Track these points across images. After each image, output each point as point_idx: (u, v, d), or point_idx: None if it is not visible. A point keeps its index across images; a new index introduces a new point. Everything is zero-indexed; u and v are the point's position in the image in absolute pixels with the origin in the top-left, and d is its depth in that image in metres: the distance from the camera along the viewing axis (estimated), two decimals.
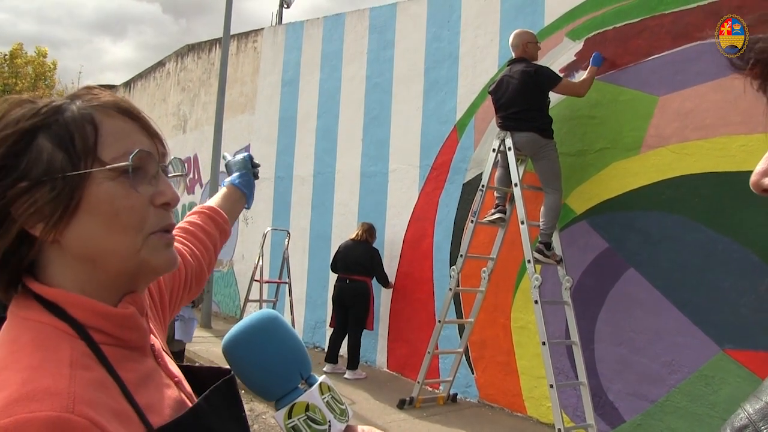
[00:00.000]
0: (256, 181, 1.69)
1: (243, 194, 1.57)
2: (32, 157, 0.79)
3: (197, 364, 1.02)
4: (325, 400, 0.95)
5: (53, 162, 0.79)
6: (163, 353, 0.96)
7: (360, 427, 0.97)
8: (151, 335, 0.93)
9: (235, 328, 0.96)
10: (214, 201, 1.49)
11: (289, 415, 0.92)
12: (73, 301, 0.80)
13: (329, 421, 0.93)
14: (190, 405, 0.89)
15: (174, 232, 1.21)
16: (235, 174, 1.59)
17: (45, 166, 0.79)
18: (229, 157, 1.70)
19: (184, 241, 1.30)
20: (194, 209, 1.43)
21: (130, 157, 0.82)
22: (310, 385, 0.95)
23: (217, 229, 1.41)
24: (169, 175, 0.91)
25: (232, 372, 0.97)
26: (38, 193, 0.78)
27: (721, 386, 4.42)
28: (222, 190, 1.55)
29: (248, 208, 1.60)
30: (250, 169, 1.63)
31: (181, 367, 1.00)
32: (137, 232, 0.83)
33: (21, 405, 0.67)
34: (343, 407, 0.97)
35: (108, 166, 0.81)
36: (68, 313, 0.79)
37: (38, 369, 0.72)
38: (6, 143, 0.79)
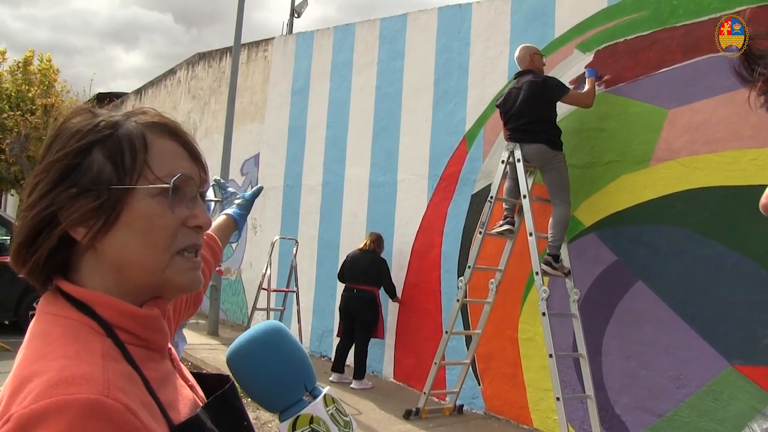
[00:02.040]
0: (263, 191, 1.77)
1: (236, 226, 1.67)
2: (85, 167, 0.85)
3: (204, 371, 1.03)
4: (330, 412, 0.95)
5: (102, 174, 0.85)
6: (177, 358, 1.00)
7: None
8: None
9: (239, 340, 0.97)
10: (211, 229, 1.55)
11: (293, 427, 0.92)
12: (101, 301, 0.84)
13: None
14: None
15: None
16: (236, 208, 1.70)
17: (94, 177, 0.85)
18: (219, 181, 1.88)
19: None
20: None
21: (173, 179, 0.88)
22: (315, 397, 0.95)
23: (213, 257, 1.48)
24: (207, 199, 0.98)
25: (232, 381, 0.99)
26: (85, 200, 0.84)
27: (730, 402, 4.38)
28: (221, 218, 1.65)
29: (234, 241, 1.69)
30: (249, 209, 1.73)
31: (191, 373, 1.03)
32: (165, 250, 0.88)
33: (60, 388, 0.71)
34: (347, 419, 0.97)
35: (151, 186, 0.87)
36: (96, 312, 0.83)
37: (74, 358, 0.76)
38: (68, 156, 0.85)
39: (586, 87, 5.36)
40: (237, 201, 1.72)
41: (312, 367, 1.00)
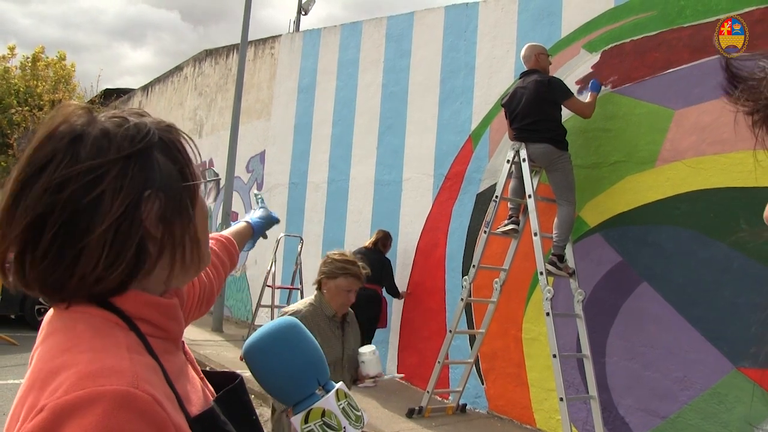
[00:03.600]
0: (269, 189, 1.83)
1: (252, 235, 1.70)
2: (155, 169, 0.87)
3: (208, 369, 1.05)
4: (341, 406, 0.96)
5: (171, 174, 0.89)
6: (189, 350, 1.02)
7: None
8: None
9: (255, 335, 1.00)
10: (229, 232, 1.61)
11: (306, 420, 0.94)
12: (122, 295, 0.85)
13: (344, 427, 0.95)
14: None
15: None
16: (258, 216, 1.75)
17: (167, 177, 0.88)
18: (260, 195, 1.97)
19: None
20: (213, 235, 1.52)
21: (206, 173, 0.95)
22: (327, 392, 0.97)
23: (229, 258, 1.50)
24: (210, 179, 1.07)
25: (241, 377, 1.01)
26: (168, 200, 0.87)
27: (735, 405, 4.37)
28: (240, 225, 1.68)
29: (247, 250, 1.71)
30: (269, 223, 1.78)
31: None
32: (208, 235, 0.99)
33: (91, 380, 0.72)
34: (359, 414, 0.99)
35: (209, 179, 1.01)
36: (117, 306, 0.84)
37: (101, 351, 0.77)
38: (132, 159, 0.85)
39: (588, 99, 5.34)
40: (260, 212, 1.77)
41: (325, 362, 1.01)
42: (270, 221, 1.76)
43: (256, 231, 1.70)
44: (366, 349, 3.09)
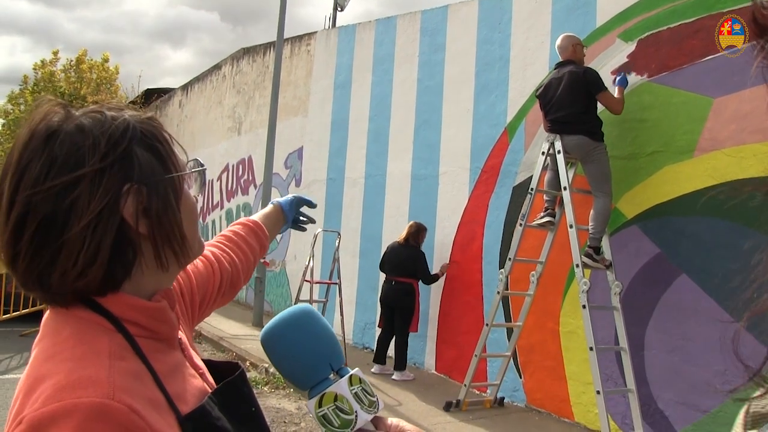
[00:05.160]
0: (306, 192, 1.77)
1: (285, 217, 1.63)
2: (135, 164, 0.87)
3: (247, 363, 1.08)
4: (354, 391, 0.98)
5: (151, 166, 0.89)
6: (189, 346, 1.03)
7: (389, 420, 1.00)
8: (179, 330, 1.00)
9: (270, 322, 1.02)
10: (257, 216, 1.56)
11: (320, 405, 0.97)
12: (110, 297, 0.86)
13: (356, 412, 0.97)
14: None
15: (218, 239, 1.39)
16: (287, 198, 1.66)
17: (148, 170, 0.88)
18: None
19: (224, 248, 1.37)
20: (239, 220, 1.50)
21: (190, 163, 0.98)
22: (341, 377, 0.99)
23: (258, 243, 1.47)
24: (194, 169, 1.03)
25: (242, 368, 1.04)
26: (141, 194, 0.87)
27: None
28: (268, 208, 1.62)
29: (281, 232, 1.66)
30: (299, 202, 1.68)
31: (203, 361, 1.07)
32: (197, 227, 0.99)
33: (68, 391, 0.74)
34: (374, 399, 1.00)
35: (193, 170, 0.98)
36: (105, 308, 0.86)
37: (81, 360, 0.79)
38: (109, 155, 0.85)
39: (617, 95, 5.27)
40: (289, 197, 1.68)
41: (340, 348, 1.04)
42: (300, 201, 1.67)
43: (287, 211, 1.62)
44: None
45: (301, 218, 1.70)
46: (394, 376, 6.98)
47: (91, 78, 22.23)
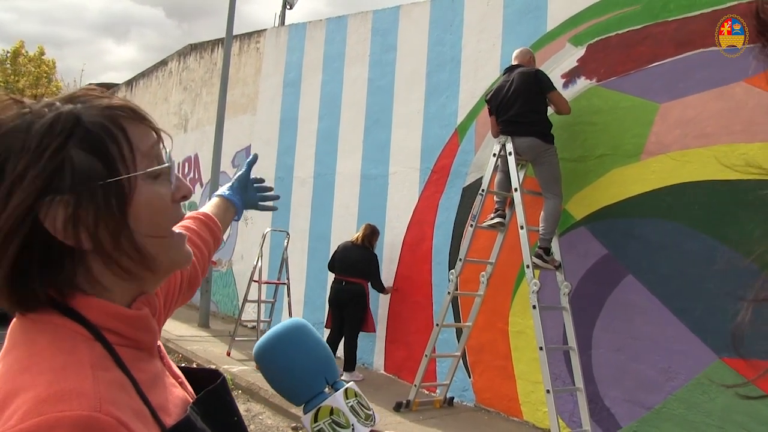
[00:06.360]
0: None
1: (233, 204, 1.54)
2: (63, 169, 0.75)
3: (194, 365, 1.03)
4: (350, 404, 0.97)
5: (89, 171, 0.77)
6: (166, 354, 0.97)
7: None
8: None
9: (264, 337, 1.01)
10: (206, 208, 1.47)
11: (315, 419, 0.95)
12: (87, 304, 0.79)
13: (352, 425, 0.95)
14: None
15: None
16: (226, 186, 1.58)
17: (82, 176, 0.76)
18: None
19: None
20: (189, 214, 1.41)
21: (165, 159, 0.84)
22: (336, 390, 0.97)
23: (212, 236, 1.40)
24: (154, 168, 0.90)
25: (223, 377, 0.99)
26: (80, 203, 0.76)
27: (718, 395, 4.41)
28: (213, 200, 1.53)
29: (237, 219, 1.58)
30: (245, 183, 1.60)
31: (180, 368, 1.01)
32: (171, 232, 0.86)
33: (49, 405, 0.67)
34: (370, 412, 1.00)
35: (148, 170, 0.82)
36: (83, 315, 0.78)
37: (61, 371, 0.72)
38: (38, 161, 0.75)
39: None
40: (230, 183, 1.60)
41: (334, 362, 1.04)
42: (242, 180, 1.58)
43: (231, 198, 1.53)
44: None
45: (262, 195, 1.63)
46: (343, 377, 6.93)
47: (30, 71, 21.52)
